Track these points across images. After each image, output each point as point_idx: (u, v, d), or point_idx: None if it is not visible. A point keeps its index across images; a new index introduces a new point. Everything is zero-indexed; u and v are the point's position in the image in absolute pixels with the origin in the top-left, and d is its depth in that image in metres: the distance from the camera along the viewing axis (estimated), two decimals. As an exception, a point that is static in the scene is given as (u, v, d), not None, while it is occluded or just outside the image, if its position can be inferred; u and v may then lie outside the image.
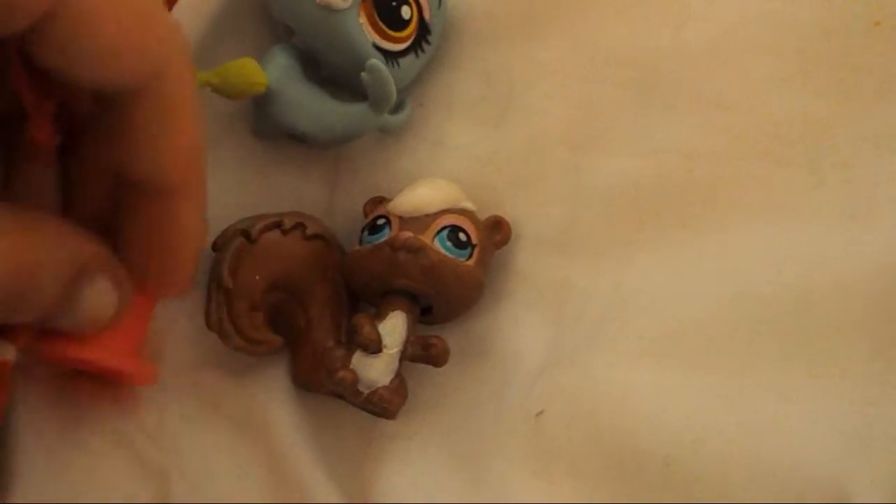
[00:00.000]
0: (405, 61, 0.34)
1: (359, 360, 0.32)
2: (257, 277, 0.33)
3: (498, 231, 0.34)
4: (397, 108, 0.35)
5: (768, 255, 0.31)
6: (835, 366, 0.30)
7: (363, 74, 0.32)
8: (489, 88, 0.35)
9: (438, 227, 0.32)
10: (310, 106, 0.33)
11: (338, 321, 0.34)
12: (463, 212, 0.33)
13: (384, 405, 0.32)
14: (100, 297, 0.28)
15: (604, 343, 0.32)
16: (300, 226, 0.34)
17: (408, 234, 0.32)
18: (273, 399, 0.33)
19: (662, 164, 0.33)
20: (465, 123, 0.35)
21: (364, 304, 0.34)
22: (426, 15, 0.35)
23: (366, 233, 0.33)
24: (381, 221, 0.33)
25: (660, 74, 0.34)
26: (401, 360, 0.32)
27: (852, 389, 0.29)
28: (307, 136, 0.34)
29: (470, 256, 0.32)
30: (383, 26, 0.33)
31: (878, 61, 0.32)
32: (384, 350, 0.32)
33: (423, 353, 0.32)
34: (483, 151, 0.35)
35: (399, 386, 0.32)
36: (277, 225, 0.33)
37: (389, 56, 0.34)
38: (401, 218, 0.33)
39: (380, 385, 0.32)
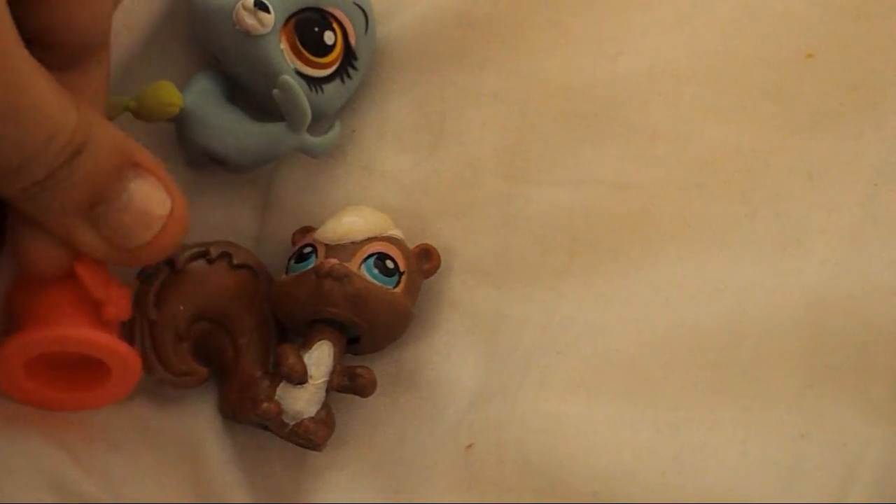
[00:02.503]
0: (330, 87, 0.34)
1: (284, 392, 0.31)
2: (182, 308, 0.32)
3: (427, 259, 0.33)
4: (325, 130, 0.34)
5: (700, 286, 0.31)
6: (766, 398, 0.29)
7: (274, 91, 0.32)
8: (422, 115, 0.35)
9: (365, 255, 0.32)
10: (226, 126, 0.33)
11: (266, 351, 0.33)
12: (390, 239, 0.33)
13: (309, 437, 0.31)
14: (150, 192, 0.28)
15: (535, 375, 0.31)
16: (226, 255, 0.33)
17: (333, 261, 0.31)
18: (202, 429, 0.33)
19: (595, 194, 0.33)
20: (396, 150, 0.35)
21: (293, 334, 0.34)
22: (352, 40, 0.34)
23: (292, 261, 0.33)
24: (307, 250, 0.32)
25: (593, 105, 0.34)
26: (328, 390, 0.32)
27: (784, 422, 0.29)
28: (226, 157, 0.33)
29: (397, 284, 0.32)
30: (305, 52, 0.33)
31: (809, 93, 0.33)
32: (310, 381, 0.31)
33: (349, 384, 0.32)
34: (415, 179, 0.35)
35: (326, 417, 0.32)
36: (203, 254, 0.33)
37: (313, 82, 0.33)
38: (327, 246, 0.32)
39: (305, 417, 0.31)
